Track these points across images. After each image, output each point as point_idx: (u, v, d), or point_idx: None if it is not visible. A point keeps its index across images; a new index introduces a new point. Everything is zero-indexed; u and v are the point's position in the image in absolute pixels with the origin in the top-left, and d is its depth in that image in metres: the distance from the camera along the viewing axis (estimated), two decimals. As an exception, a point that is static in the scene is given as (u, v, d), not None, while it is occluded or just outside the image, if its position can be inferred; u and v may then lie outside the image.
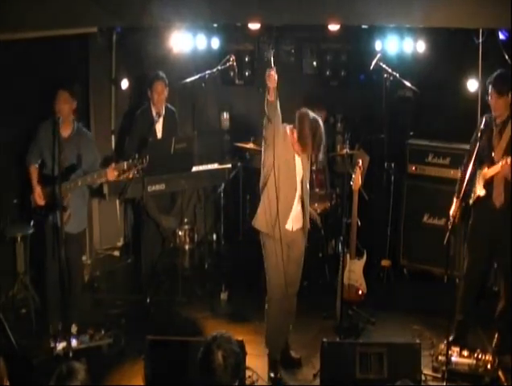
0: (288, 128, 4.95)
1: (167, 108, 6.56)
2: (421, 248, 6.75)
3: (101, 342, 5.29)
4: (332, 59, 7.87)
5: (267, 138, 4.84)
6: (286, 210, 4.95)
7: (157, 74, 6.46)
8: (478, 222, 5.27)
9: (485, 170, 5.09)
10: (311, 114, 4.92)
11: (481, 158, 5.07)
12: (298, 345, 5.54)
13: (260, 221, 5.03)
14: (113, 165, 5.34)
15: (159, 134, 6.52)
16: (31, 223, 5.57)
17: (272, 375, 5.10)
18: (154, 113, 6.46)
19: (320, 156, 5.04)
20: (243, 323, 5.77)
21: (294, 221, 5.05)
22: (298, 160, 5.02)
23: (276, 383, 5.04)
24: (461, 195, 5.03)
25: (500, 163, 4.96)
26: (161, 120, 6.51)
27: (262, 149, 4.97)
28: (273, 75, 4.62)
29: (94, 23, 6.06)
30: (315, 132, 4.84)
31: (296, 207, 5.04)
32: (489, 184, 5.11)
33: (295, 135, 4.90)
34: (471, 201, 5.16)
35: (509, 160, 4.87)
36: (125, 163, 5.37)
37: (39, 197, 5.39)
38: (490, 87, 5.09)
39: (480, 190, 5.11)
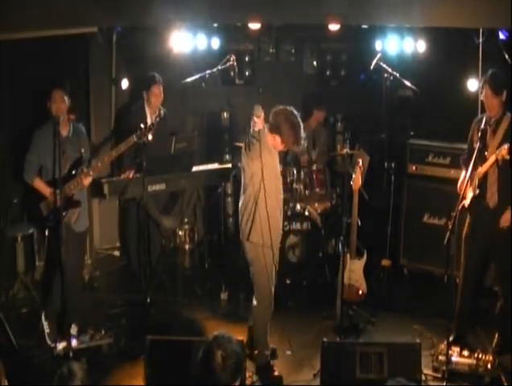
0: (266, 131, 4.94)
1: (159, 110, 6.54)
2: (421, 248, 6.74)
3: (101, 342, 5.29)
4: (332, 59, 7.89)
5: (254, 153, 4.81)
6: (281, 216, 5.06)
7: (153, 76, 6.40)
8: (474, 223, 5.28)
9: (479, 169, 5.09)
10: (287, 108, 4.95)
11: (475, 158, 5.05)
12: (298, 345, 5.54)
13: (258, 236, 4.95)
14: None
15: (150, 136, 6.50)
16: (46, 232, 5.45)
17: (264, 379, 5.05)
18: (148, 114, 6.43)
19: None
20: (243, 323, 5.76)
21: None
22: (275, 155, 5.02)
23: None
24: (461, 196, 5.04)
25: (492, 158, 4.95)
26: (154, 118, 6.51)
27: (245, 163, 4.93)
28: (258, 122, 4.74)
29: (94, 23, 6.06)
30: (299, 124, 4.90)
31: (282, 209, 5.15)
32: (482, 185, 5.11)
33: (280, 137, 4.89)
34: (467, 202, 5.16)
35: (503, 151, 4.86)
36: (134, 136, 5.44)
37: (55, 200, 5.26)
38: (486, 86, 5.08)
39: (474, 190, 5.10)
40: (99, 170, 5.49)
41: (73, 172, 5.33)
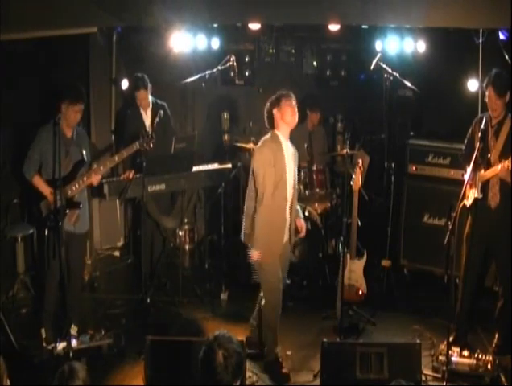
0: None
1: (155, 103, 6.54)
2: (421, 248, 6.74)
3: (101, 342, 5.28)
4: (332, 59, 7.88)
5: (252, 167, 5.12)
6: (281, 229, 5.07)
7: (136, 81, 6.44)
8: (475, 223, 5.27)
9: (482, 171, 5.09)
10: (274, 97, 5.12)
11: (477, 159, 5.04)
12: (298, 345, 5.54)
13: (261, 244, 5.01)
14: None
15: (147, 125, 6.51)
16: (46, 232, 5.34)
17: (271, 375, 5.12)
18: (143, 115, 6.46)
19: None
20: (243, 323, 5.76)
21: (286, 233, 5.16)
22: (289, 164, 5.09)
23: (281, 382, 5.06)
24: (460, 196, 5.03)
25: (499, 166, 4.94)
26: (149, 116, 6.50)
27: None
28: None
29: (94, 23, 6.06)
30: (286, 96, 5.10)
31: (290, 222, 5.15)
32: (484, 185, 5.11)
33: (276, 108, 5.05)
34: (468, 202, 5.16)
35: (508, 163, 4.85)
36: (137, 143, 5.52)
37: (55, 200, 5.24)
38: (489, 87, 5.07)
39: (477, 193, 5.10)
40: (101, 173, 5.49)
41: (79, 172, 5.34)
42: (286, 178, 5.04)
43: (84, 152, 5.42)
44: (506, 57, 6.02)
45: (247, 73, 7.82)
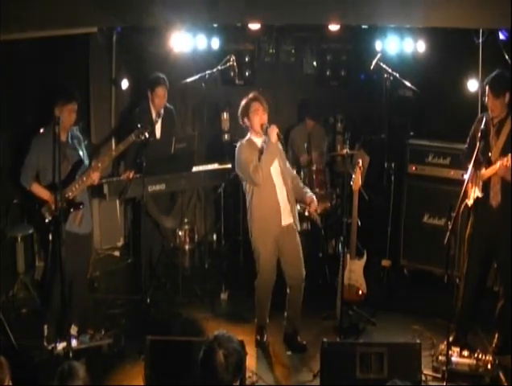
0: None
1: (165, 107, 6.53)
2: (421, 248, 6.73)
3: (101, 342, 5.29)
4: (332, 59, 7.88)
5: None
6: (276, 212, 5.29)
7: (158, 77, 6.39)
8: (476, 222, 5.27)
9: (483, 170, 5.09)
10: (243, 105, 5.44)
11: (479, 158, 5.04)
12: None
13: (254, 230, 5.37)
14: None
15: (158, 134, 6.51)
16: (50, 236, 5.29)
17: (258, 337, 5.48)
18: (153, 114, 6.44)
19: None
20: (243, 323, 5.77)
21: (284, 217, 5.33)
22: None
23: (262, 346, 5.45)
24: (461, 196, 5.03)
25: (498, 164, 4.95)
26: (160, 120, 6.50)
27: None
28: None
29: (94, 23, 6.06)
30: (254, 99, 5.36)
31: (286, 205, 5.32)
32: (486, 184, 5.11)
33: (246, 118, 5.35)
34: (470, 202, 5.16)
35: (506, 161, 4.86)
36: (133, 134, 5.48)
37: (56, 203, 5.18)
38: (487, 88, 5.08)
39: (478, 192, 5.10)
40: (99, 170, 5.48)
41: (78, 173, 5.33)
42: (270, 172, 5.26)
43: (81, 153, 5.41)
44: (506, 57, 6.02)
45: (247, 73, 7.81)
